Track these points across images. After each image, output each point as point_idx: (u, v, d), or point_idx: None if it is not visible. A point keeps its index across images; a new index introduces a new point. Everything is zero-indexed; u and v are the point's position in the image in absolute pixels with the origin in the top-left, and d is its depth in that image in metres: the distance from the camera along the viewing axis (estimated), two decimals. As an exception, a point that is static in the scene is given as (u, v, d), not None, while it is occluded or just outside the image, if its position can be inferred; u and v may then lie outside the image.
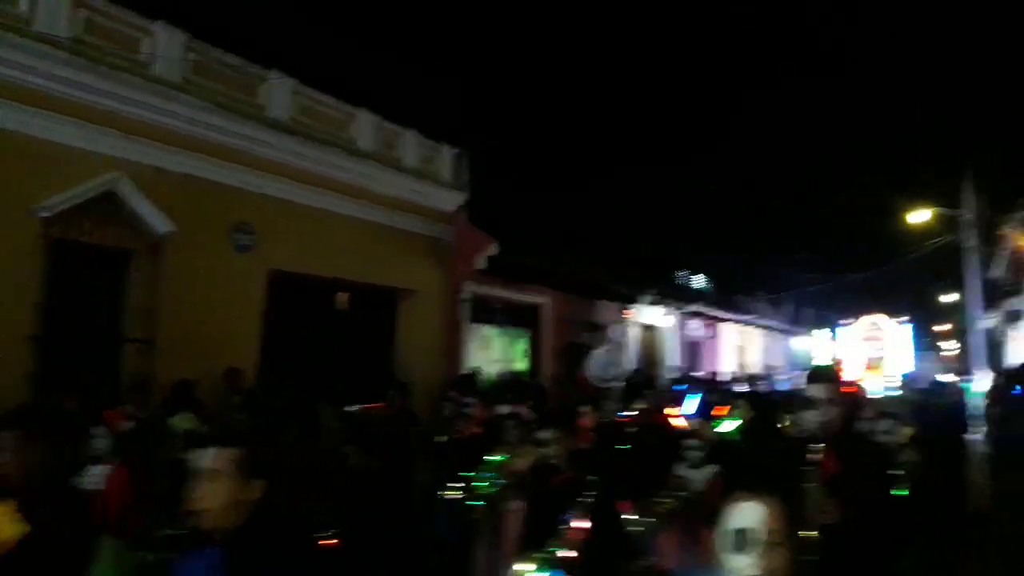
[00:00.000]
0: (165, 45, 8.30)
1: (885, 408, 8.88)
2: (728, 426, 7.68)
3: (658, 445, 6.92)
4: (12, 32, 6.96)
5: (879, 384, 20.28)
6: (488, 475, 4.78)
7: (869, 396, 12.93)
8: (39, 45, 7.12)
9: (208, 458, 2.46)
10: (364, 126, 11.00)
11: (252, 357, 9.10)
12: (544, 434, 4.01)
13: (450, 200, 12.53)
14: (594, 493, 3.68)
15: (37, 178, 7.20)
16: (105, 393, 7.63)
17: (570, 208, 16.08)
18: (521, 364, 14.83)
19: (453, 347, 12.40)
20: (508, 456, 4.78)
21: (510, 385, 12.20)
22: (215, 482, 2.42)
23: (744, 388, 15.80)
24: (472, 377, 12.25)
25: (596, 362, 13.23)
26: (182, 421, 7.21)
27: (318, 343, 10.28)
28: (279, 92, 9.71)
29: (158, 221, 8.15)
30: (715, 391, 13.81)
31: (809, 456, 3.01)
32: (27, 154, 7.15)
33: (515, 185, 14.51)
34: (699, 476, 5.41)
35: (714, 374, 18.99)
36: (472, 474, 5.15)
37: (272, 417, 7.98)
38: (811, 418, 3.18)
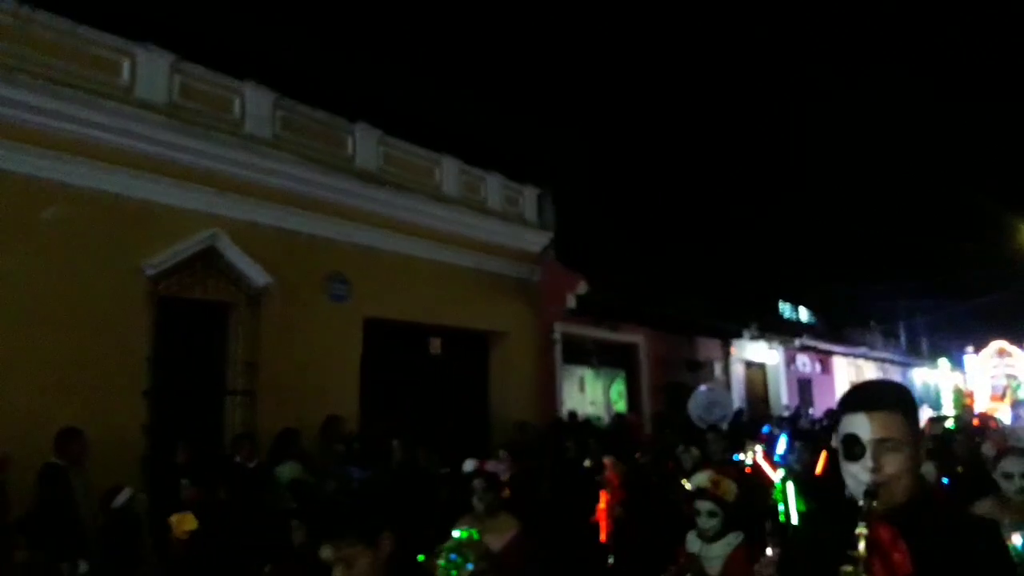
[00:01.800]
0: (255, 104, 8.68)
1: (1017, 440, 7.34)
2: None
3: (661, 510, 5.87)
4: (115, 100, 7.43)
5: (1007, 415, 18.70)
6: (452, 557, 3.34)
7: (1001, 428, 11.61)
8: (139, 111, 7.58)
9: None
10: (448, 172, 11.16)
11: (352, 404, 9.16)
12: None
13: (536, 240, 12.50)
14: None
15: (142, 238, 7.57)
16: (212, 443, 7.81)
17: (662, 242, 15.71)
18: (619, 405, 14.41)
19: (547, 389, 12.17)
20: (474, 531, 3.51)
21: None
22: None
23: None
24: (569, 420, 11.97)
25: (697, 402, 12.37)
26: (289, 470, 7.27)
27: (413, 389, 10.28)
28: (365, 143, 9.97)
29: (256, 274, 8.39)
30: (807, 431, 12.17)
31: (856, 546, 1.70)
32: (132, 215, 7.54)
33: (602, 222, 14.34)
34: (715, 552, 3.95)
35: (830, 412, 17.86)
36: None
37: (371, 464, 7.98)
38: (856, 476, 1.79)
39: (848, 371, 25.52)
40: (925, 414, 20.51)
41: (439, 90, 10.70)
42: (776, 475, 5.79)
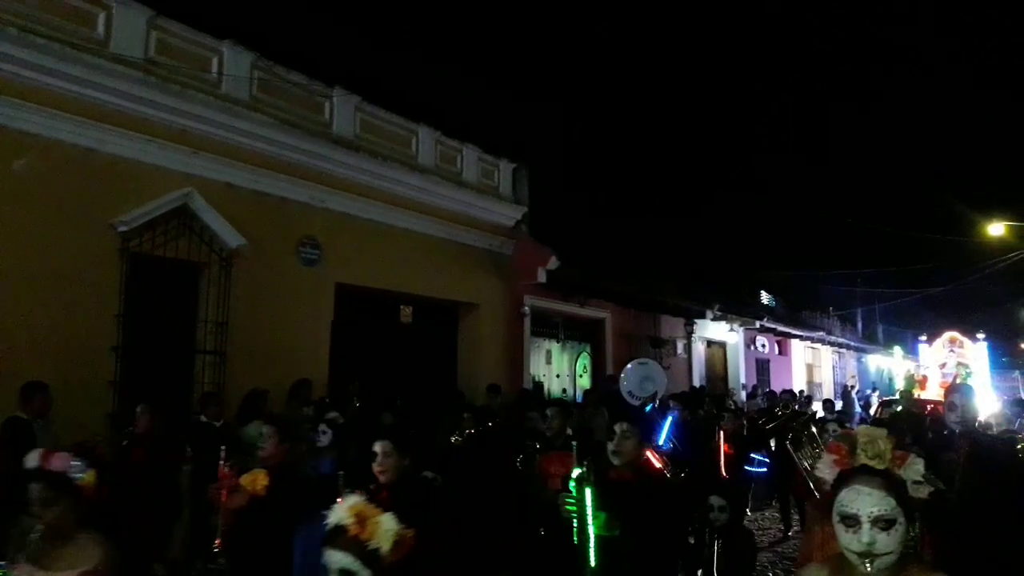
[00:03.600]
0: (233, 64, 8.59)
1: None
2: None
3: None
4: (89, 54, 7.31)
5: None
6: None
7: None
8: (115, 66, 7.47)
9: None
10: (425, 142, 11.17)
11: (321, 368, 9.23)
12: None
13: (509, 214, 12.59)
14: None
15: (115, 194, 7.49)
16: (180, 402, 7.83)
17: (632, 221, 15.92)
18: (584, 379, 14.66)
19: (515, 361, 12.34)
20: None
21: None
22: None
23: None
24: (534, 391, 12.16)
25: (628, 376, 11.86)
26: (255, 429, 7.32)
27: (382, 355, 10.36)
28: (343, 109, 9.93)
29: (229, 235, 8.36)
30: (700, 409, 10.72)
31: None
32: (105, 171, 7.46)
33: (575, 198, 14.48)
34: None
35: (771, 393, 18.26)
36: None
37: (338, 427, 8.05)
38: None
39: (805, 354, 26.14)
40: (876, 399, 21.19)
41: (419, 60, 10.67)
42: (665, 468, 4.31)
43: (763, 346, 22.85)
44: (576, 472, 3.49)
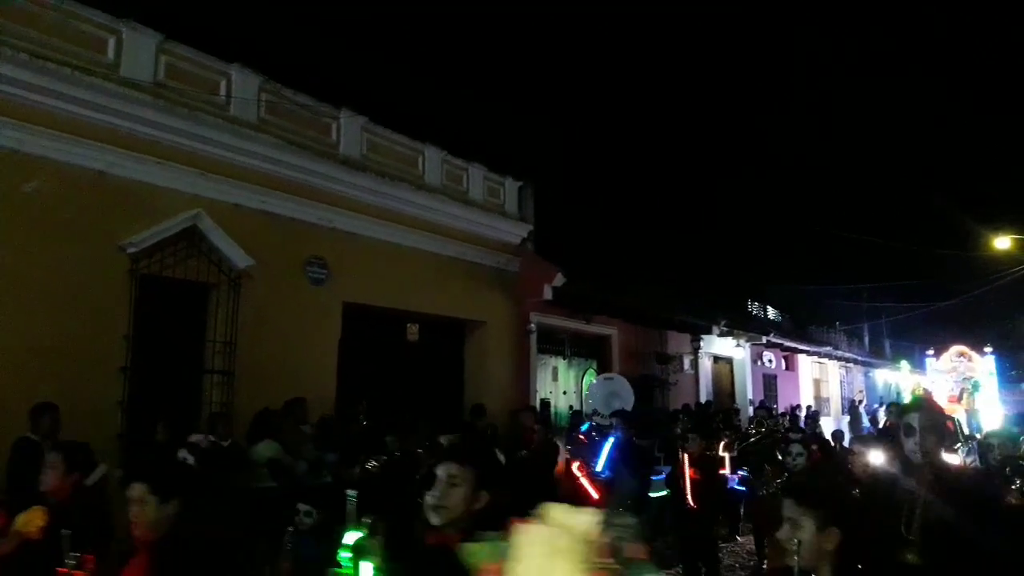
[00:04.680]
0: (241, 87, 8.68)
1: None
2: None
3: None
4: (99, 78, 7.40)
5: (964, 416, 19.19)
6: None
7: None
8: (124, 89, 7.56)
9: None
10: (431, 161, 11.24)
11: (328, 387, 9.25)
12: None
13: (515, 232, 12.64)
14: None
15: (124, 216, 7.56)
16: (189, 422, 7.85)
17: (637, 237, 15.95)
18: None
19: (521, 378, 12.34)
20: None
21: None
22: None
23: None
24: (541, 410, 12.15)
25: (594, 393, 11.35)
26: (265, 449, 7.36)
27: (389, 373, 10.37)
28: (349, 130, 10.01)
29: (237, 256, 8.42)
30: (652, 430, 9.92)
31: None
32: (115, 193, 7.54)
33: (580, 215, 14.51)
34: None
35: (774, 407, 18.19)
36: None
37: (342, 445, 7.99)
38: None
39: (812, 369, 26.06)
40: (883, 413, 21.09)
41: (425, 81, 10.77)
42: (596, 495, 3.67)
43: (770, 361, 22.79)
44: (352, 537, 2.49)
